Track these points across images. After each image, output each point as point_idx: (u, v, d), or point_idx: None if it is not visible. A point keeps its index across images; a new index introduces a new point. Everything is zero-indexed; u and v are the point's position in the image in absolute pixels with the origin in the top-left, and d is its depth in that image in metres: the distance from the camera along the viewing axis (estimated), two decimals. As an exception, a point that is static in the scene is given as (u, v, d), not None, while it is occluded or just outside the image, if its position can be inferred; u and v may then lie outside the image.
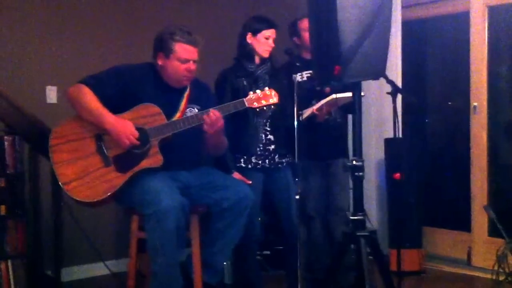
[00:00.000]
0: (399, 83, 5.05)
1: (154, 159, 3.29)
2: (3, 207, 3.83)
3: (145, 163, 3.29)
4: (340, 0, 2.80)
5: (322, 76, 3.05)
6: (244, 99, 3.41)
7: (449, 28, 5.33)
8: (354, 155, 3.07)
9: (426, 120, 5.70)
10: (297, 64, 3.90)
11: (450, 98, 5.47)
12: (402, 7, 5.17)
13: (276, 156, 3.95)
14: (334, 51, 2.84)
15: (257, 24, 3.90)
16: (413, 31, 5.47)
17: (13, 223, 3.86)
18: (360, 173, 3.02)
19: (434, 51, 5.59)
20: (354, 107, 3.91)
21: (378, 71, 3.01)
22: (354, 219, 3.02)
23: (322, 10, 2.88)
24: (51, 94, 4.59)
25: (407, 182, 4.71)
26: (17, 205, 3.89)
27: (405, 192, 4.73)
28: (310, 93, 3.97)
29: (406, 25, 5.26)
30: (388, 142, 4.93)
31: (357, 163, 2.99)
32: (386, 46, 2.96)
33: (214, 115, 3.30)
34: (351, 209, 3.26)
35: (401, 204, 4.72)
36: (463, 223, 5.09)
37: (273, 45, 3.90)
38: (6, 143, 3.85)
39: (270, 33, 3.89)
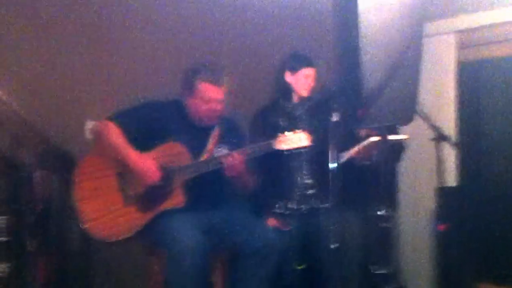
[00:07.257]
0: (452, 127, 4.80)
1: (176, 200, 3.21)
2: (33, 242, 3.77)
3: (167, 204, 3.20)
4: (363, 35, 2.62)
5: (346, 119, 2.88)
6: (271, 141, 3.27)
7: (509, 70, 5.04)
8: (380, 203, 2.84)
9: (485, 166, 5.38)
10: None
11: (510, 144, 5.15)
12: (459, 47, 4.93)
13: (315, 202, 3.75)
14: (356, 93, 2.67)
15: (296, 62, 3.76)
16: (471, 73, 5.20)
17: (41, 259, 3.78)
18: (387, 224, 2.81)
19: (493, 95, 5.30)
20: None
21: (406, 116, 2.80)
22: (377, 273, 2.79)
23: (345, 50, 2.73)
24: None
25: (460, 234, 4.41)
26: (44, 241, 3.83)
27: (457, 245, 4.43)
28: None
29: (463, 66, 5.01)
30: (439, 191, 4.63)
31: (381, 213, 2.78)
32: (416, 88, 2.75)
33: (234, 159, 3.17)
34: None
35: (452, 257, 4.41)
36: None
37: (312, 84, 3.75)
38: (36, 177, 3.81)
39: (309, 71, 3.74)
